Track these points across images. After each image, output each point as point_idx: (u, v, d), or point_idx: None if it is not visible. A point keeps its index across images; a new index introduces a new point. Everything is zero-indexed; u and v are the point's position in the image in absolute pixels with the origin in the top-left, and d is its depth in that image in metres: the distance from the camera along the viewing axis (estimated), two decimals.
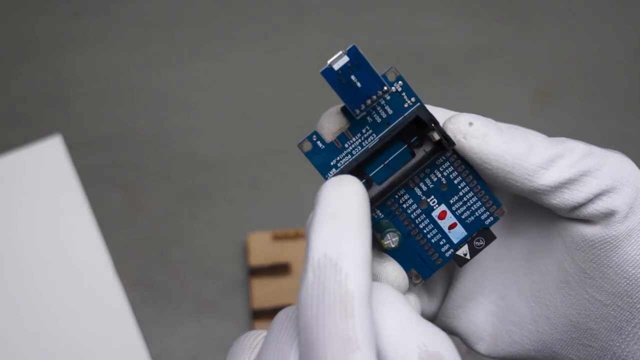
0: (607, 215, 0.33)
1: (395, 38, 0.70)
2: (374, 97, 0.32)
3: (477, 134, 0.32)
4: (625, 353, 0.34)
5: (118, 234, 0.62)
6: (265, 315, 0.59)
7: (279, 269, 0.60)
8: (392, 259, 0.34)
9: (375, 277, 0.34)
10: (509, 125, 0.34)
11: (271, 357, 0.28)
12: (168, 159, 0.65)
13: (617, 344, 0.34)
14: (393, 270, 0.34)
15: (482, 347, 0.37)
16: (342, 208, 0.29)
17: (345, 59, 0.32)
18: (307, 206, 0.63)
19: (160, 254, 0.62)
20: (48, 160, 0.64)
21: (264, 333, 0.31)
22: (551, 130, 0.67)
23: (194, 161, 0.65)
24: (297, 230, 0.62)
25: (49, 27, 0.70)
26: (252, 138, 0.66)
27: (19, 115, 0.67)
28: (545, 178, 0.32)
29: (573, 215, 0.33)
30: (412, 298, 0.35)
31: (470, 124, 0.32)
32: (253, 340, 0.31)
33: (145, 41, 0.70)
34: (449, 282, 0.38)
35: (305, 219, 0.67)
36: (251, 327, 0.60)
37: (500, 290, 0.37)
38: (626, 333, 0.34)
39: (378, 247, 0.35)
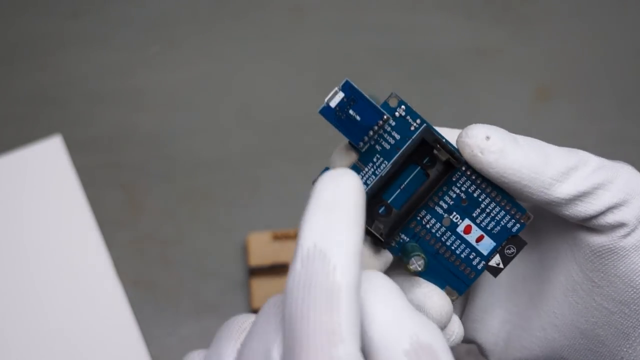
0: (617, 227, 0.33)
1: (395, 38, 0.70)
2: (375, 127, 0.32)
3: (495, 149, 0.33)
4: (632, 357, 0.34)
5: (118, 234, 0.62)
6: None
7: (279, 269, 0.60)
8: (435, 286, 0.34)
9: (419, 307, 0.34)
10: (523, 136, 0.34)
11: (256, 346, 0.28)
12: (168, 159, 0.65)
13: (625, 349, 0.35)
14: (439, 299, 0.34)
15: (494, 357, 0.37)
16: (337, 200, 0.28)
17: (341, 94, 0.32)
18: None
19: (160, 254, 0.62)
20: (48, 160, 0.64)
21: (252, 318, 0.31)
22: (550, 130, 0.67)
23: (194, 161, 0.65)
24: (297, 230, 0.62)
25: (49, 27, 0.70)
26: (252, 138, 0.66)
27: (19, 115, 0.67)
28: (561, 191, 0.33)
29: (583, 223, 0.34)
30: (457, 322, 0.35)
31: (487, 138, 0.33)
32: (240, 325, 0.31)
33: (145, 41, 0.70)
34: (467, 297, 0.38)
35: None
36: None
37: (513, 298, 0.37)
38: (633, 338, 0.34)
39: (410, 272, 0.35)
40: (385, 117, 0.32)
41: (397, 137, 0.33)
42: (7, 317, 0.59)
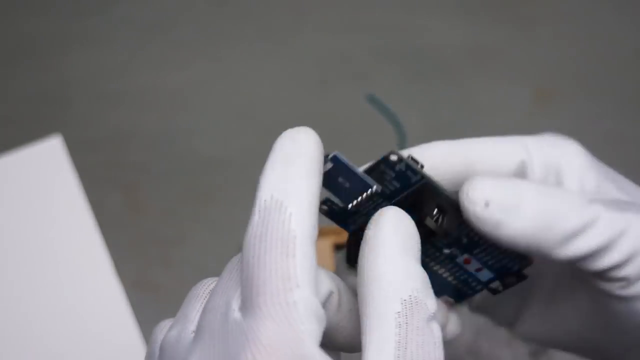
0: (618, 280, 0.33)
1: (395, 38, 0.70)
2: (364, 196, 0.32)
3: (493, 221, 0.31)
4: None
5: (118, 234, 0.62)
6: None
7: None
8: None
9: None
10: (531, 189, 0.32)
11: (218, 300, 0.28)
12: (168, 159, 0.65)
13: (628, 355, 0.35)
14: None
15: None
16: (294, 153, 0.30)
17: (330, 164, 0.32)
18: None
19: (161, 254, 0.62)
20: (48, 160, 0.64)
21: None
22: (549, 131, 0.67)
23: (194, 161, 0.65)
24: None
25: (49, 27, 0.70)
26: (252, 138, 0.66)
27: (19, 115, 0.67)
28: (566, 253, 0.32)
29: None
30: (454, 320, 0.35)
31: (487, 204, 0.31)
32: (207, 287, 0.31)
33: (146, 41, 0.70)
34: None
35: None
36: None
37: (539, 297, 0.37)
38: (634, 350, 0.35)
39: None
40: (374, 188, 0.32)
41: (397, 185, 0.33)
42: (7, 317, 0.59)
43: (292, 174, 0.29)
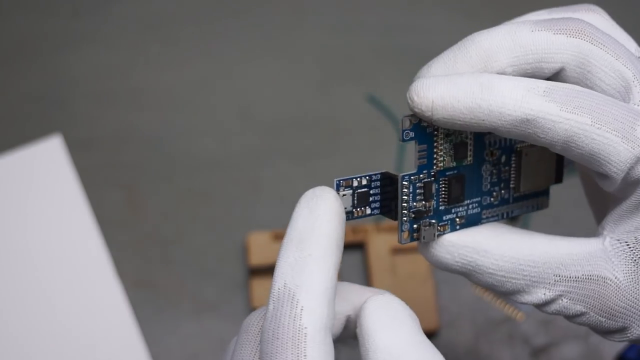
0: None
1: (395, 38, 0.70)
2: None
3: None
4: None
5: (118, 234, 0.62)
6: None
7: None
8: None
9: None
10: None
11: None
12: (168, 159, 0.65)
13: None
14: None
15: None
16: (309, 231, 0.28)
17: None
18: None
19: (160, 254, 0.62)
20: (48, 160, 0.64)
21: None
22: None
23: (194, 161, 0.65)
24: None
25: (49, 27, 0.70)
26: (252, 138, 0.66)
27: (19, 115, 0.67)
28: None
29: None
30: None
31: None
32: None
33: (145, 41, 0.70)
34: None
35: None
36: None
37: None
38: None
39: None
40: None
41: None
42: (7, 317, 0.59)
43: (306, 257, 0.28)
